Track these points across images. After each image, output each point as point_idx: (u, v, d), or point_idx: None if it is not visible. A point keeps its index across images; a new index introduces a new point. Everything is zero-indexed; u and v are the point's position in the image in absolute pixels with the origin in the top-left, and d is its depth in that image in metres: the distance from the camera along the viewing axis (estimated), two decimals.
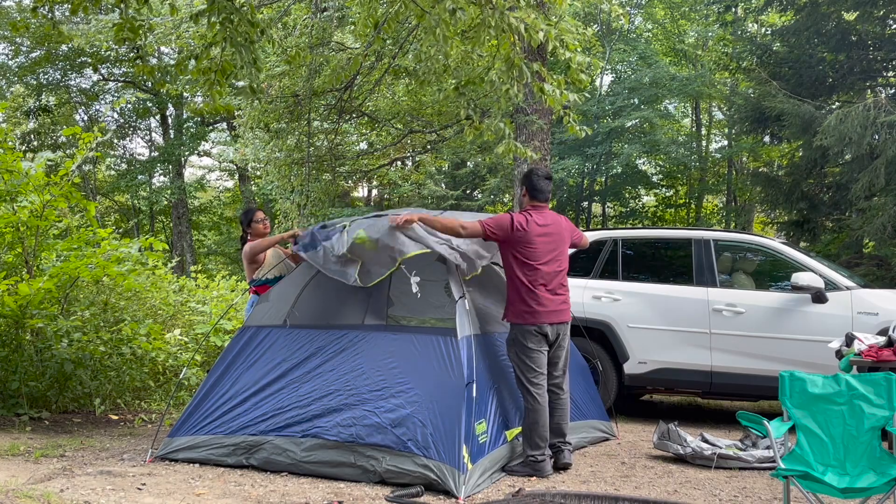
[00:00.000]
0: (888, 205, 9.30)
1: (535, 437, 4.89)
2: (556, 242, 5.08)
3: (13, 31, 6.68)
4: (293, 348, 5.05)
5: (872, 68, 11.79)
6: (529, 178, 5.14)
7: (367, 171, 17.05)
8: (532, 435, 4.90)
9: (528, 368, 4.95)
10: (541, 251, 4.98)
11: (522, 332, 4.96)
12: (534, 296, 4.94)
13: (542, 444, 4.91)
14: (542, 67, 5.70)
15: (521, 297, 4.97)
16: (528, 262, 4.96)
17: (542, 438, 4.91)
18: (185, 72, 5.88)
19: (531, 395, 4.92)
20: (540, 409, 4.91)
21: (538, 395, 4.93)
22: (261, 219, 6.14)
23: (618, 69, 19.80)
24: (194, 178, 25.59)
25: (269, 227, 6.22)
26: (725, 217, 20.81)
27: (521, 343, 4.96)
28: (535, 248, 4.97)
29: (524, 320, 4.95)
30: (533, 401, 4.91)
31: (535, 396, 4.92)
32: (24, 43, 20.85)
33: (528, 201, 5.13)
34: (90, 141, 7.03)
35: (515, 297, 5.00)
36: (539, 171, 5.16)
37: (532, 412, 4.91)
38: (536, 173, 5.14)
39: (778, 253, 6.93)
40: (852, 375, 3.94)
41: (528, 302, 4.94)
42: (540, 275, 4.97)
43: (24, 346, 6.72)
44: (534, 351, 4.96)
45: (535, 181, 5.11)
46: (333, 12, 9.59)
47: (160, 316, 8.43)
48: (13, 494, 3.94)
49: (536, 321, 4.94)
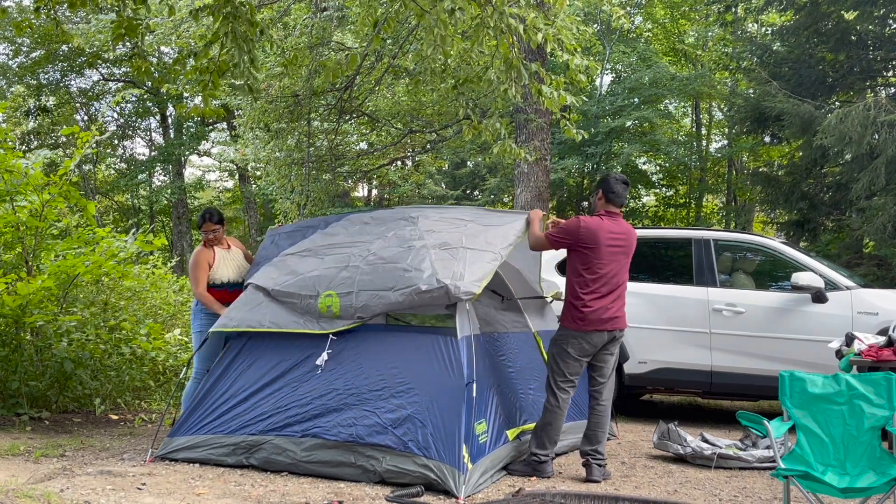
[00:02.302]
0: (888, 204, 9.30)
1: (545, 438, 4.89)
2: (624, 253, 4.99)
3: (17, 31, 6.68)
4: (293, 347, 5.03)
5: (872, 68, 11.79)
6: (607, 181, 5.06)
7: (367, 171, 17.03)
8: (542, 434, 4.90)
9: (560, 372, 4.92)
10: (606, 259, 4.88)
11: (567, 336, 4.92)
12: (586, 303, 4.85)
13: (549, 447, 4.90)
14: (540, 68, 5.70)
15: (574, 302, 4.90)
16: (590, 267, 4.87)
17: (551, 441, 4.91)
18: (183, 70, 5.87)
19: (555, 396, 4.90)
20: (558, 413, 4.89)
21: (562, 398, 4.90)
22: (208, 230, 5.82)
23: (618, 69, 19.79)
24: (194, 178, 25.58)
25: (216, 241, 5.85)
26: (725, 217, 20.80)
27: (563, 347, 4.93)
28: (601, 254, 4.87)
29: (573, 326, 4.90)
30: (555, 401, 4.90)
31: (559, 399, 4.90)
32: (24, 43, 20.83)
33: (604, 205, 5.05)
34: (88, 140, 7.03)
35: (572, 301, 4.92)
36: (616, 176, 5.09)
37: (549, 412, 4.90)
38: (614, 177, 5.07)
39: (778, 253, 6.93)
40: (852, 375, 3.94)
41: (580, 308, 4.86)
42: (600, 282, 4.87)
43: (24, 346, 6.72)
44: (572, 358, 4.91)
45: (613, 185, 5.02)
46: (333, 12, 9.58)
47: (160, 316, 8.44)
48: (13, 494, 3.94)
49: (584, 328, 4.86)
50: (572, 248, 4.95)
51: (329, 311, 4.91)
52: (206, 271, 5.75)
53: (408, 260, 4.90)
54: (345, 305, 4.87)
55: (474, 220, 5.32)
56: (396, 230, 5.31)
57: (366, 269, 4.98)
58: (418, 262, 4.84)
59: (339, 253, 5.27)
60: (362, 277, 4.93)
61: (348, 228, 5.59)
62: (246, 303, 5.31)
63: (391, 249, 5.09)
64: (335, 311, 4.89)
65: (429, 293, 4.65)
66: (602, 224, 4.91)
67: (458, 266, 4.74)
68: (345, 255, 5.21)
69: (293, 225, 6.30)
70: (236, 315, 5.25)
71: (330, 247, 5.39)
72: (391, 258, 4.99)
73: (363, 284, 4.89)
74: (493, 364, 5.08)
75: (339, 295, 4.91)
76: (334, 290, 4.94)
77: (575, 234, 4.89)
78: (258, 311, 5.18)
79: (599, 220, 4.93)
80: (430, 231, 5.17)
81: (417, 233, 5.18)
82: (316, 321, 4.96)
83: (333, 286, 4.97)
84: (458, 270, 4.70)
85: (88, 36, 12.86)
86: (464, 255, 4.84)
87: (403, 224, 5.37)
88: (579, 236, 4.88)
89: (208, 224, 5.84)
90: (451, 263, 4.77)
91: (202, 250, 5.83)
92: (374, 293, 4.82)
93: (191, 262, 5.88)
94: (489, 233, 5.12)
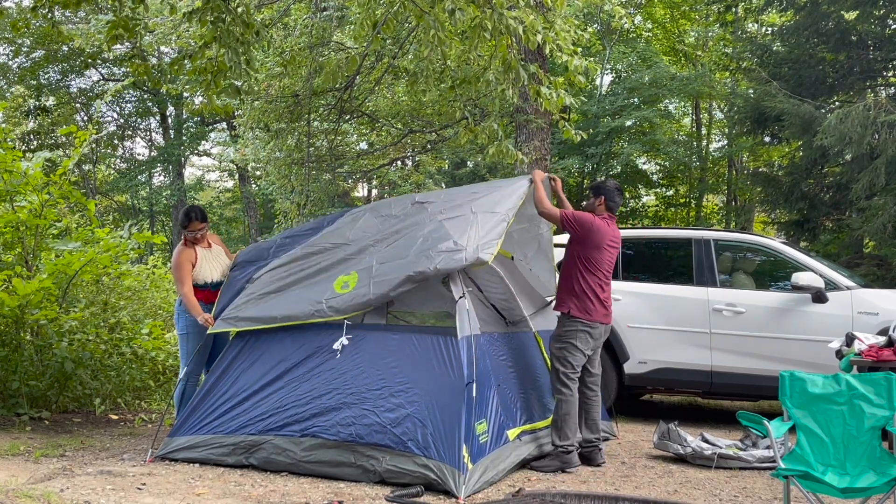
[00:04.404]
0: (888, 204, 9.30)
1: (566, 429, 5.08)
2: (614, 255, 5.38)
3: (14, 31, 6.67)
4: (293, 347, 5.03)
5: (872, 68, 11.79)
6: (608, 189, 5.40)
7: (367, 171, 17.04)
8: (563, 426, 5.08)
9: (567, 364, 5.17)
10: (606, 259, 5.25)
11: (576, 329, 5.16)
12: (593, 297, 5.19)
13: (572, 436, 5.09)
14: (539, 69, 5.70)
15: (585, 293, 5.18)
16: (596, 264, 5.21)
17: (573, 430, 5.11)
18: (181, 71, 5.86)
19: (565, 385, 5.13)
20: (572, 401, 5.12)
21: (574, 388, 5.15)
22: (195, 229, 5.70)
23: (618, 69, 19.79)
24: (194, 178, 25.59)
25: (202, 240, 5.76)
26: (725, 217, 20.79)
27: (570, 341, 5.17)
28: (603, 254, 5.23)
29: (583, 316, 5.16)
30: (567, 390, 5.12)
31: (571, 388, 5.13)
32: (24, 43, 20.85)
33: (604, 210, 5.38)
34: (86, 139, 7.03)
35: (579, 292, 5.19)
36: (616, 185, 5.44)
37: (564, 403, 5.11)
38: (614, 187, 5.42)
39: (778, 253, 6.92)
40: (852, 375, 3.94)
41: (591, 300, 5.18)
42: (602, 279, 5.24)
43: (24, 346, 6.72)
44: (578, 349, 5.18)
45: (614, 195, 5.39)
46: (333, 12, 9.59)
47: (160, 315, 8.44)
48: (13, 494, 3.94)
49: (594, 318, 5.18)
50: (578, 240, 5.22)
51: (345, 285, 4.93)
52: (190, 271, 5.62)
53: (423, 230, 5.03)
54: (363, 279, 4.91)
55: (479, 192, 5.41)
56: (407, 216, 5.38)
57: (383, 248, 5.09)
58: (434, 229, 4.99)
59: (351, 244, 5.30)
60: (381, 253, 5.05)
61: (354, 222, 5.57)
62: (249, 298, 5.29)
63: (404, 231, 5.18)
64: (351, 285, 4.92)
65: (446, 253, 4.74)
66: (605, 227, 5.26)
67: (472, 230, 4.88)
68: (358, 245, 5.26)
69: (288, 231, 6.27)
70: (241, 313, 5.23)
71: (338, 245, 5.39)
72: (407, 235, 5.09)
73: (383, 257, 5.00)
74: (493, 364, 5.08)
75: (358, 272, 4.99)
76: (354, 270, 5.02)
77: (589, 229, 5.20)
78: (265, 306, 5.16)
79: (604, 223, 5.27)
80: (441, 210, 5.27)
81: (427, 213, 5.29)
82: (328, 308, 4.94)
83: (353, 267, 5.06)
84: (472, 234, 4.85)
85: (88, 36, 12.86)
86: (474, 218, 4.99)
87: (413, 208, 5.44)
88: (591, 232, 5.19)
89: (195, 223, 5.72)
90: (465, 227, 4.91)
91: (184, 249, 5.69)
92: (394, 264, 4.90)
93: (173, 262, 5.74)
94: (495, 198, 5.23)
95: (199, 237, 5.74)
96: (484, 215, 5.00)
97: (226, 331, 5.31)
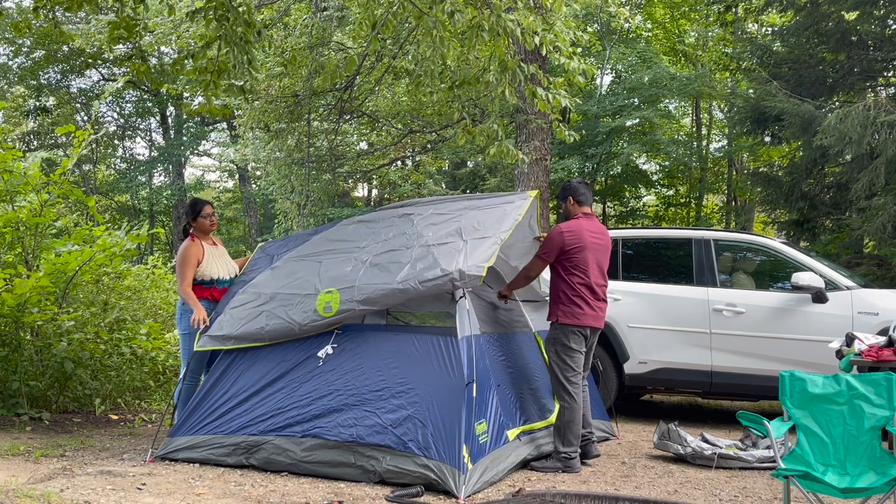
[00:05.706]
0: (888, 204, 9.30)
1: (570, 435, 5.08)
2: (603, 252, 5.33)
3: (15, 31, 6.68)
4: (293, 348, 5.03)
5: (872, 68, 11.78)
6: (572, 187, 5.42)
7: (367, 171, 17.04)
8: (566, 433, 5.08)
9: (567, 367, 5.16)
10: (591, 258, 5.20)
11: (567, 332, 5.16)
12: (582, 300, 5.15)
13: (575, 443, 5.09)
14: (538, 70, 5.70)
15: (571, 299, 5.15)
16: (580, 266, 5.17)
17: (576, 437, 5.10)
18: (182, 71, 5.86)
19: (568, 393, 5.12)
20: (576, 408, 5.11)
21: (575, 393, 5.14)
22: (209, 214, 5.75)
23: (618, 69, 19.79)
24: (194, 179, 25.60)
25: (216, 223, 5.87)
26: (725, 217, 20.80)
27: (564, 343, 5.18)
28: (587, 255, 5.18)
29: (572, 321, 5.14)
30: (570, 398, 5.11)
31: (573, 395, 5.12)
32: (24, 44, 20.85)
33: (579, 208, 5.38)
34: (85, 138, 7.03)
35: (565, 299, 5.18)
36: (578, 180, 5.46)
37: (568, 410, 5.10)
38: (577, 181, 5.43)
39: (778, 253, 6.92)
40: (852, 375, 3.93)
41: (577, 304, 5.15)
42: (589, 280, 5.18)
43: (24, 346, 6.72)
44: (575, 351, 5.18)
45: (578, 187, 5.39)
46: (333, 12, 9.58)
47: (160, 316, 8.44)
48: (13, 494, 3.94)
49: (583, 323, 5.16)
50: (560, 256, 5.20)
51: (327, 307, 4.91)
52: (194, 268, 5.57)
53: (410, 254, 4.95)
54: (345, 300, 4.87)
55: (469, 209, 5.37)
56: (394, 229, 5.34)
57: (367, 267, 5.02)
58: (420, 255, 4.90)
59: (338, 255, 5.28)
60: (364, 273, 4.97)
61: (344, 232, 5.60)
62: (241, 312, 5.28)
63: (391, 246, 5.14)
64: (334, 308, 4.89)
65: (433, 281, 4.69)
66: (581, 225, 5.24)
67: (460, 256, 4.80)
68: (344, 257, 5.22)
69: (282, 239, 6.31)
70: (233, 329, 5.21)
71: (328, 251, 5.40)
72: (392, 255, 5.03)
73: (365, 278, 4.92)
74: (493, 364, 5.08)
75: (339, 290, 4.93)
76: (335, 287, 4.96)
77: (561, 242, 5.18)
78: (256, 321, 5.16)
79: (578, 223, 5.26)
80: (428, 226, 5.23)
81: (415, 230, 5.22)
82: (315, 322, 4.96)
83: (335, 283, 4.99)
84: (460, 259, 4.76)
85: (89, 36, 12.87)
86: (464, 246, 4.90)
87: (400, 222, 5.40)
88: (565, 242, 5.17)
89: (208, 207, 5.78)
90: (454, 254, 4.83)
91: (192, 244, 5.62)
92: (377, 286, 4.84)
93: (179, 256, 5.64)
94: (486, 219, 5.19)
95: (211, 223, 5.77)
96: (474, 241, 4.93)
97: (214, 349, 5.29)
